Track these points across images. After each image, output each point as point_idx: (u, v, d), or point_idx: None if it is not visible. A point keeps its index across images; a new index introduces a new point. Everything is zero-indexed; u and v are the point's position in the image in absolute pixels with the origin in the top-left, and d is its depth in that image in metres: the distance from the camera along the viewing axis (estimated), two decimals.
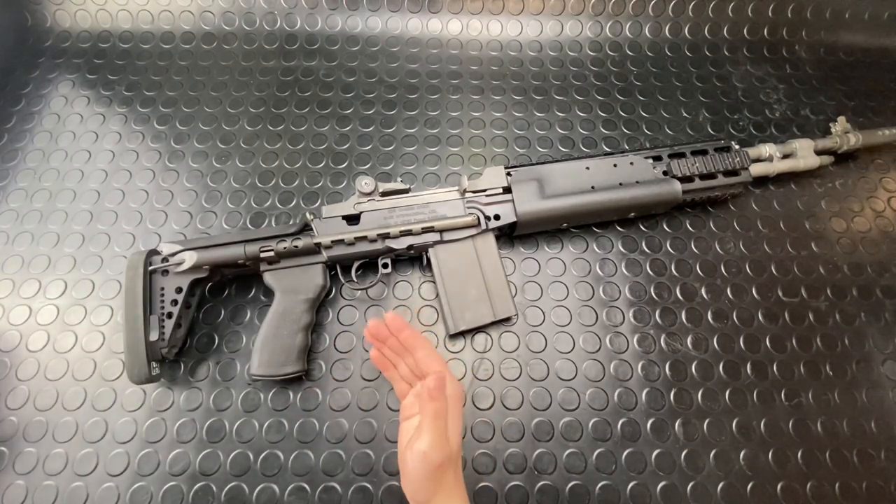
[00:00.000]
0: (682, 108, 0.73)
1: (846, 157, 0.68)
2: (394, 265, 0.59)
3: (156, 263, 0.52)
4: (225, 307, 0.58)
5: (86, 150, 0.69)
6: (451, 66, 0.77)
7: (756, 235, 0.63)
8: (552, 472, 0.50)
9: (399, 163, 0.68)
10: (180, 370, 0.55)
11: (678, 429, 0.52)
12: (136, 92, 0.74)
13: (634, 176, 0.59)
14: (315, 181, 0.66)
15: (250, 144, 0.69)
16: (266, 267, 0.54)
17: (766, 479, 0.51)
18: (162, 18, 0.79)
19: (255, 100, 0.73)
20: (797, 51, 0.80)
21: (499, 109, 0.73)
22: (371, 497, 0.49)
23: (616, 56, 0.78)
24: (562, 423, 0.52)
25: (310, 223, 0.55)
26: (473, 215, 0.55)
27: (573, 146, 0.70)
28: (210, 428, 0.52)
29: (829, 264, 0.62)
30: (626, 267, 0.61)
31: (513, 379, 0.54)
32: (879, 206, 0.66)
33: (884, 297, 0.60)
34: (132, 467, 0.50)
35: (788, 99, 0.75)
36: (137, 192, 0.66)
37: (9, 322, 0.57)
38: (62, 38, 0.79)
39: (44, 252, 0.61)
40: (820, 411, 0.54)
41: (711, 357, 0.56)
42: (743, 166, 0.60)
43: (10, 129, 0.71)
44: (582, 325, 0.57)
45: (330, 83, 0.75)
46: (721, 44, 0.79)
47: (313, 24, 0.79)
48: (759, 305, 0.59)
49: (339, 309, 0.58)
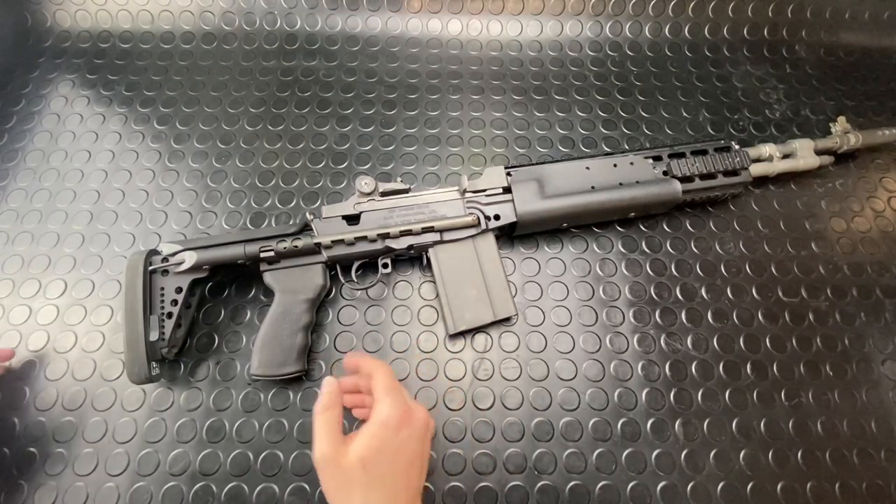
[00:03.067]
0: (682, 108, 0.73)
1: (846, 157, 0.68)
2: (394, 265, 0.59)
3: (156, 263, 0.52)
4: (225, 307, 0.58)
5: (86, 150, 0.69)
6: (451, 66, 0.77)
7: (756, 235, 0.63)
8: (552, 472, 0.50)
9: (399, 163, 0.68)
10: (180, 370, 0.55)
11: (678, 429, 0.52)
12: (136, 92, 0.74)
13: (634, 176, 0.59)
14: (315, 181, 0.66)
15: (250, 144, 0.69)
16: (266, 267, 0.54)
17: (766, 479, 0.51)
18: (162, 18, 0.79)
19: (255, 100, 0.73)
20: (797, 51, 0.80)
21: (499, 109, 0.73)
22: None
23: (616, 56, 0.78)
24: (562, 423, 0.52)
25: (310, 223, 0.55)
26: (473, 215, 0.55)
27: (573, 146, 0.70)
28: (210, 428, 0.52)
29: (829, 264, 0.62)
30: (626, 267, 0.61)
31: (513, 379, 0.54)
32: (879, 206, 0.66)
33: (884, 297, 0.60)
34: (132, 467, 0.50)
35: (788, 99, 0.75)
36: (137, 192, 0.66)
37: (9, 322, 0.57)
38: (62, 38, 0.79)
39: (44, 252, 0.61)
40: (820, 411, 0.54)
41: (711, 357, 0.56)
42: (743, 166, 0.60)
43: (10, 129, 0.71)
44: (582, 325, 0.57)
45: (330, 83, 0.75)
46: (721, 44, 0.79)
47: (313, 24, 0.79)
48: (759, 305, 0.59)
49: (339, 309, 0.58)
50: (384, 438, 0.39)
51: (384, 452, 0.39)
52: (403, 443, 0.40)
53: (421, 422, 0.41)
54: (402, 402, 0.41)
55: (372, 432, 0.39)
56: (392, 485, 0.38)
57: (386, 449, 0.39)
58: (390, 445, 0.39)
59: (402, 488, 0.39)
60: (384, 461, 0.38)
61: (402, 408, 0.41)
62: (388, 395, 0.41)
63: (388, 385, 0.42)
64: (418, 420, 0.41)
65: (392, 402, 0.41)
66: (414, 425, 0.41)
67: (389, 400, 0.41)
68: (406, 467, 0.40)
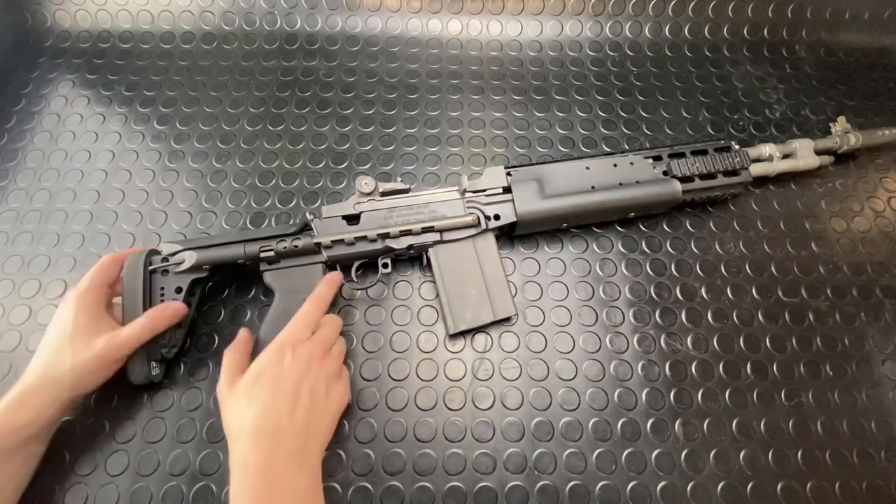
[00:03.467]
0: (682, 108, 0.73)
1: (846, 157, 0.68)
2: (394, 265, 0.59)
3: (156, 263, 0.52)
4: (225, 307, 0.58)
5: (86, 150, 0.69)
6: (451, 66, 0.77)
7: (756, 235, 0.63)
8: (552, 472, 0.50)
9: (399, 163, 0.68)
10: (180, 370, 0.55)
11: (678, 429, 0.52)
12: (136, 92, 0.74)
13: (634, 176, 0.59)
14: (315, 181, 0.66)
15: (250, 144, 0.69)
16: (266, 267, 0.54)
17: (766, 479, 0.51)
18: (162, 18, 0.79)
19: (255, 100, 0.73)
20: (797, 51, 0.80)
21: (499, 109, 0.73)
22: (371, 497, 0.49)
23: (616, 56, 0.78)
24: (562, 423, 0.52)
25: (310, 223, 0.55)
26: (473, 215, 0.55)
27: (573, 146, 0.70)
28: (210, 428, 0.52)
29: (829, 264, 0.62)
30: (626, 267, 0.61)
31: (513, 379, 0.54)
32: (879, 206, 0.66)
33: (884, 297, 0.60)
34: (132, 467, 0.50)
35: (788, 99, 0.75)
36: (137, 192, 0.66)
37: (9, 322, 0.57)
38: (62, 38, 0.79)
39: (44, 252, 0.61)
40: (820, 411, 0.54)
41: (711, 357, 0.56)
42: (743, 166, 0.60)
43: (10, 129, 0.71)
44: (582, 325, 0.57)
45: (330, 83, 0.75)
46: (721, 44, 0.79)
47: (313, 24, 0.79)
48: (759, 305, 0.59)
49: (339, 309, 0.58)
50: (264, 363, 0.43)
51: (263, 375, 0.43)
52: (285, 368, 0.43)
53: (304, 355, 0.44)
54: (296, 335, 0.46)
55: (258, 359, 0.44)
56: (272, 407, 0.41)
57: (266, 373, 0.43)
58: (270, 370, 0.43)
59: (284, 413, 0.41)
60: (264, 383, 0.42)
61: (292, 339, 0.45)
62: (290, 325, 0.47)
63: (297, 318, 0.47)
64: (302, 354, 0.44)
65: (286, 332, 0.46)
66: (297, 357, 0.44)
67: (285, 330, 0.46)
68: (290, 393, 0.42)
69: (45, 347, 0.45)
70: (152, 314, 0.48)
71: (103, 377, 0.47)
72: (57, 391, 0.44)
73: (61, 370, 0.44)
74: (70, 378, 0.44)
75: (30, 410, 0.43)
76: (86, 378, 0.45)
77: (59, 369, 0.44)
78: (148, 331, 0.48)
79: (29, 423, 0.43)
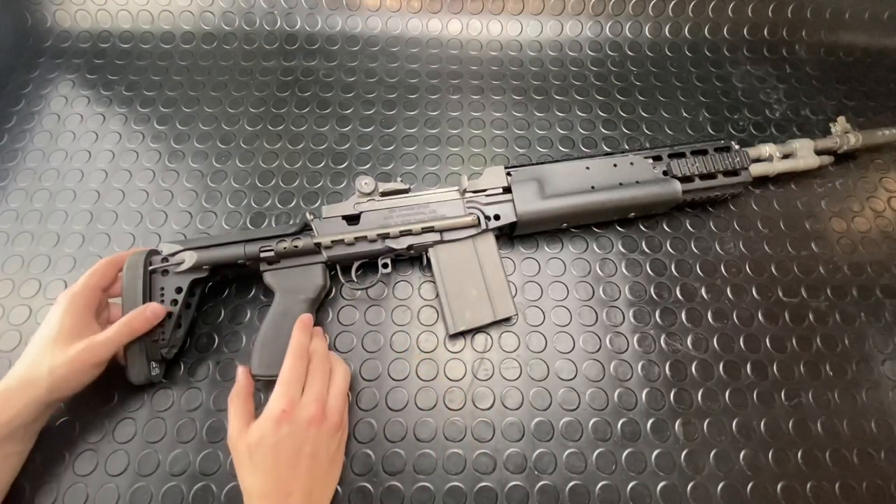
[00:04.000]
0: (682, 108, 0.73)
1: (846, 157, 0.68)
2: (394, 265, 0.59)
3: (156, 263, 0.52)
4: (225, 307, 0.58)
5: (86, 150, 0.69)
6: (451, 66, 0.77)
7: (756, 235, 0.63)
8: (552, 472, 0.50)
9: (399, 163, 0.68)
10: (180, 370, 0.55)
11: (678, 429, 0.52)
12: (136, 92, 0.74)
13: (634, 176, 0.59)
14: (315, 181, 0.66)
15: (250, 144, 0.69)
16: (266, 267, 0.54)
17: (766, 479, 0.51)
18: (162, 18, 0.79)
19: (255, 100, 0.73)
20: (797, 51, 0.80)
21: (499, 109, 0.73)
22: (371, 497, 0.49)
23: (616, 56, 0.78)
24: (562, 423, 0.52)
25: (310, 223, 0.55)
26: (473, 215, 0.55)
27: (573, 146, 0.70)
28: (210, 428, 0.52)
29: (829, 264, 0.62)
30: (626, 267, 0.61)
31: (513, 379, 0.54)
32: (879, 206, 0.66)
33: (884, 297, 0.60)
34: (132, 467, 0.50)
35: (788, 99, 0.75)
36: (137, 192, 0.66)
37: (9, 322, 0.57)
38: (62, 38, 0.79)
39: (44, 252, 0.61)
40: (820, 411, 0.54)
41: (711, 357, 0.56)
42: (743, 166, 0.60)
43: (10, 130, 0.71)
44: (582, 325, 0.57)
45: (330, 83, 0.75)
46: (721, 44, 0.79)
47: (313, 24, 0.79)
48: (759, 305, 0.59)
49: (339, 309, 0.58)
50: (264, 430, 0.42)
51: (263, 444, 0.42)
52: (283, 438, 0.42)
53: (303, 420, 0.43)
54: (289, 397, 0.43)
55: (257, 423, 0.43)
56: (274, 474, 0.41)
57: (265, 441, 0.42)
58: (269, 439, 0.42)
59: (285, 479, 0.41)
60: (265, 452, 0.41)
61: (286, 403, 0.43)
62: (279, 386, 0.44)
63: (284, 377, 0.45)
64: (300, 419, 0.43)
65: (278, 395, 0.44)
66: (295, 423, 0.42)
67: (277, 393, 0.44)
68: (290, 460, 0.42)
69: (30, 348, 0.46)
70: (129, 318, 0.48)
71: (83, 381, 0.46)
72: (35, 393, 0.43)
73: (39, 372, 0.44)
74: (47, 381, 0.43)
75: (7, 409, 0.43)
76: (63, 382, 0.44)
77: (37, 371, 0.44)
78: (125, 335, 0.47)
79: (6, 421, 0.43)
